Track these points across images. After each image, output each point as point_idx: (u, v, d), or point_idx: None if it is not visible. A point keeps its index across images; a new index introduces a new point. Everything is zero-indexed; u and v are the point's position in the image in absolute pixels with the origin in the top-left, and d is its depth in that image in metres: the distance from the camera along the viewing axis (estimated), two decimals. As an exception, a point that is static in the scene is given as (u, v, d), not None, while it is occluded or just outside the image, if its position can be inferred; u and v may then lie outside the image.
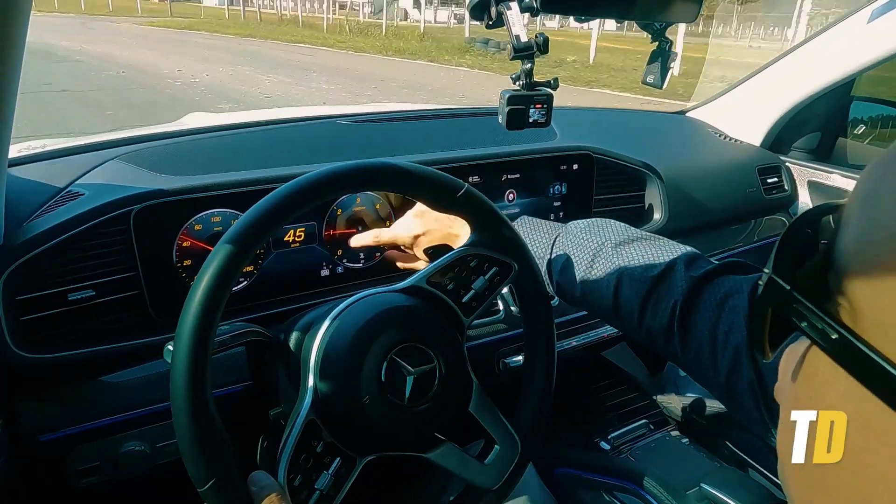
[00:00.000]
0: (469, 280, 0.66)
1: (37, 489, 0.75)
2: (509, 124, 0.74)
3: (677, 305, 0.61)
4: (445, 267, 0.65)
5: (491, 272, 0.66)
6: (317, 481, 0.55)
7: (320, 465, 0.56)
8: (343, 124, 1.06)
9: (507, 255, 0.67)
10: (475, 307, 0.66)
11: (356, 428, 0.57)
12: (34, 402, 0.70)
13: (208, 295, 0.49)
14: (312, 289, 0.86)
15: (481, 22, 0.71)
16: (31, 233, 0.68)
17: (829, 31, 1.27)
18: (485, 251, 0.66)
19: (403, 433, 0.59)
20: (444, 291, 0.65)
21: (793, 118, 1.42)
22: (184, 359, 0.48)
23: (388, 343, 0.58)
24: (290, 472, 0.54)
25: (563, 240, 0.75)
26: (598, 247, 0.71)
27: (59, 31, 14.77)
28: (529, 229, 0.79)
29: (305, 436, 0.55)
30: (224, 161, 0.84)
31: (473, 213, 0.65)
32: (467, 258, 0.66)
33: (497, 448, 0.64)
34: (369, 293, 0.64)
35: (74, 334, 0.72)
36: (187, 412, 0.48)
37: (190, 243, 0.77)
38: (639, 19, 0.76)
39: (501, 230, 0.66)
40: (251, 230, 0.52)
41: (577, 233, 0.74)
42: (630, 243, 0.70)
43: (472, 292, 0.66)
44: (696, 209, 1.27)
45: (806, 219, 0.28)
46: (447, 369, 0.60)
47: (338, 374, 0.57)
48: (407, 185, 0.62)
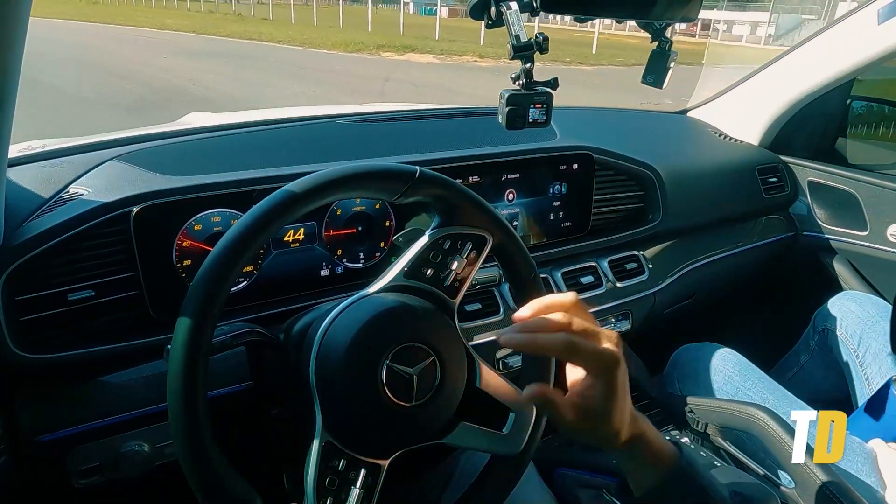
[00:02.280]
0: (446, 263, 0.64)
1: (37, 489, 0.75)
2: (509, 124, 0.74)
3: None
4: (419, 257, 0.64)
5: (466, 249, 0.64)
6: (347, 498, 0.55)
7: (346, 481, 0.56)
8: (343, 124, 1.06)
9: (478, 227, 0.65)
10: (458, 287, 0.65)
11: (372, 437, 0.57)
12: (34, 402, 0.70)
13: (203, 301, 0.50)
14: (312, 289, 0.86)
15: (482, 21, 0.71)
16: (30, 233, 0.68)
17: (829, 31, 1.27)
18: (453, 229, 0.64)
19: (418, 428, 0.59)
20: (424, 280, 0.64)
21: (793, 118, 1.42)
22: (179, 360, 0.49)
23: (380, 353, 0.57)
24: (319, 499, 0.54)
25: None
26: None
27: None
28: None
29: (325, 459, 0.56)
30: (224, 161, 0.84)
31: (434, 194, 0.63)
32: (439, 241, 0.64)
33: (512, 415, 0.64)
34: (350, 302, 0.62)
35: (74, 334, 0.71)
36: (183, 421, 0.49)
37: (190, 243, 0.77)
38: (639, 19, 0.76)
39: (466, 203, 0.64)
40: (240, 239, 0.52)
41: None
42: None
43: (452, 273, 0.64)
44: (696, 209, 1.27)
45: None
46: (447, 357, 0.60)
47: (341, 394, 0.57)
48: (355, 188, 0.60)
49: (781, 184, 1.44)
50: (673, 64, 0.82)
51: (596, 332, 0.49)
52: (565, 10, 0.75)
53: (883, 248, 1.35)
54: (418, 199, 0.63)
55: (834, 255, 1.45)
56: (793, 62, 1.35)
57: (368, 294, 0.63)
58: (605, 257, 1.15)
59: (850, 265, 1.43)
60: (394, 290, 0.63)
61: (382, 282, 0.64)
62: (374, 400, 0.56)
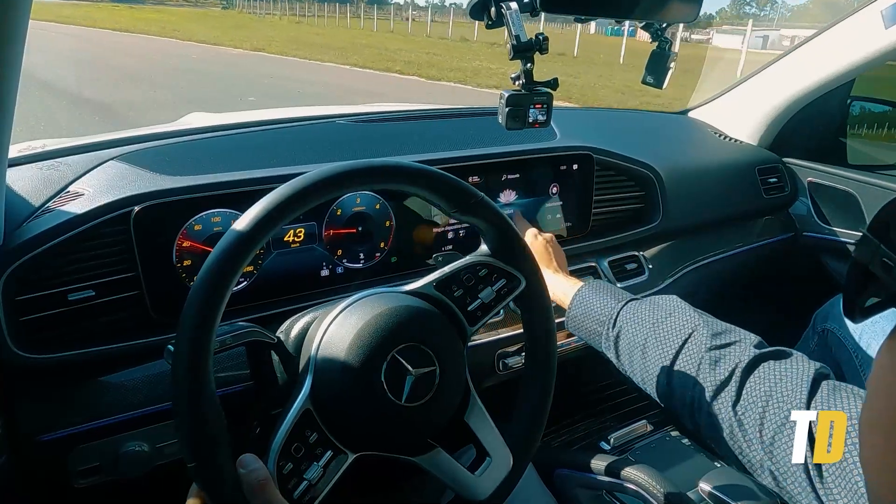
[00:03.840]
0: (476, 289, 0.66)
1: (37, 489, 0.75)
2: (509, 124, 0.74)
3: (739, 365, 0.66)
4: (454, 274, 0.66)
5: (499, 283, 0.67)
6: (306, 471, 0.55)
7: (311, 455, 0.56)
8: (343, 124, 1.06)
9: (518, 269, 0.67)
10: (480, 317, 0.66)
11: (351, 422, 0.57)
12: (34, 402, 0.70)
13: (225, 259, 0.51)
14: (312, 289, 0.86)
15: (481, 21, 0.71)
16: (31, 233, 0.68)
17: (830, 31, 1.27)
18: (496, 262, 0.67)
19: (396, 434, 0.59)
20: (451, 298, 0.65)
21: (793, 118, 1.42)
22: (189, 328, 0.49)
23: (391, 341, 0.58)
24: (280, 460, 0.54)
25: (634, 304, 0.80)
26: (672, 307, 0.77)
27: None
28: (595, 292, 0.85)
29: (300, 425, 0.56)
30: (224, 161, 0.84)
31: (487, 222, 0.66)
32: (477, 267, 0.66)
33: (489, 460, 0.64)
34: (377, 291, 0.64)
35: (74, 335, 0.71)
36: (187, 387, 0.49)
37: (190, 243, 0.77)
38: (639, 19, 0.77)
39: (514, 243, 0.67)
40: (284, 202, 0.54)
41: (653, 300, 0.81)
42: (701, 311, 0.77)
43: (479, 301, 0.66)
44: (696, 209, 1.27)
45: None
46: (446, 375, 0.60)
47: (338, 367, 0.57)
48: (424, 186, 0.62)
49: (781, 184, 1.44)
50: (673, 64, 0.82)
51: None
52: (565, 10, 0.75)
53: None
54: (472, 221, 0.66)
55: (834, 255, 1.45)
56: (793, 63, 1.35)
57: (402, 291, 0.65)
58: (605, 257, 1.15)
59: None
60: (420, 296, 0.64)
61: (413, 285, 0.65)
62: (367, 384, 0.57)
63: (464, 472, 0.63)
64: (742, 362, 0.66)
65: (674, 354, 0.72)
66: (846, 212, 1.40)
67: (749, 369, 0.66)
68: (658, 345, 0.74)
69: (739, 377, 0.65)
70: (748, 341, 0.70)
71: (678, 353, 0.72)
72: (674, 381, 0.72)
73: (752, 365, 0.66)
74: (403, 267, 0.94)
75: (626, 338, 0.78)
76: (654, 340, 0.74)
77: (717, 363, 0.68)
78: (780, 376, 0.63)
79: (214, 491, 0.51)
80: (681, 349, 0.72)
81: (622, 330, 0.79)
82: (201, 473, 0.50)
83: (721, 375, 0.67)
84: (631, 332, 0.78)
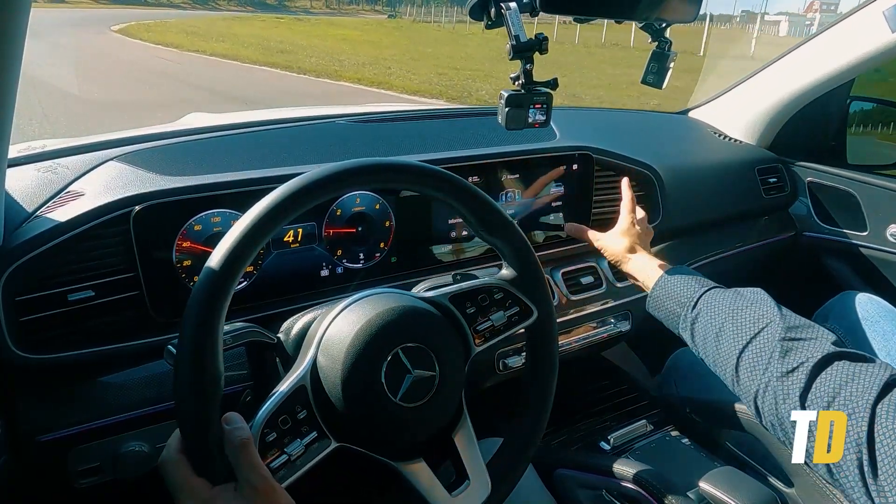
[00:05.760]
0: (489, 310, 0.66)
1: (37, 489, 0.75)
2: (509, 124, 0.74)
3: (811, 359, 0.64)
4: (471, 291, 0.66)
5: (512, 310, 0.67)
6: (288, 445, 0.55)
7: (297, 431, 0.56)
8: (343, 124, 1.06)
9: (533, 301, 0.68)
10: (487, 338, 0.66)
11: (341, 409, 0.57)
12: (34, 402, 0.70)
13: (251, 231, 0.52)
14: (312, 289, 0.86)
15: (481, 22, 0.71)
16: (30, 233, 0.68)
17: (830, 31, 1.27)
18: (515, 290, 0.67)
19: (383, 430, 0.59)
20: (463, 313, 0.65)
21: (793, 118, 1.42)
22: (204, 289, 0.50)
23: (399, 336, 0.58)
24: (266, 427, 0.54)
25: (717, 291, 0.81)
26: (756, 298, 0.76)
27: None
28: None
29: (292, 399, 0.56)
30: (224, 161, 0.84)
31: (513, 248, 0.67)
32: (494, 289, 0.67)
33: (467, 483, 0.64)
34: (388, 290, 0.64)
35: (74, 335, 0.71)
36: (192, 341, 0.49)
37: (189, 244, 0.77)
38: (639, 19, 0.76)
39: (535, 274, 0.68)
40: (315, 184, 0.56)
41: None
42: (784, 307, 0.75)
43: (489, 323, 0.66)
44: (696, 209, 1.27)
45: None
46: (445, 384, 0.60)
47: (343, 350, 0.57)
48: (458, 198, 0.64)
49: (781, 184, 1.44)
50: (672, 64, 0.82)
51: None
52: (565, 10, 0.75)
53: (883, 249, 1.35)
54: (497, 244, 0.67)
55: (834, 256, 1.45)
56: (792, 63, 1.35)
57: (417, 295, 0.65)
58: (605, 257, 1.15)
59: (849, 265, 1.43)
60: (434, 304, 0.65)
61: (429, 293, 0.66)
62: (366, 373, 0.57)
63: (442, 489, 0.62)
64: (815, 357, 0.65)
65: (746, 342, 0.71)
66: (846, 212, 1.41)
67: (822, 365, 0.64)
68: (734, 331, 0.73)
69: (810, 370, 0.64)
70: (826, 338, 0.68)
71: (751, 341, 0.71)
72: (741, 367, 0.70)
73: (825, 361, 0.64)
74: (403, 267, 0.94)
75: (703, 321, 0.77)
76: (731, 326, 0.73)
77: (787, 353, 0.67)
78: (852, 375, 0.61)
79: (197, 440, 0.50)
80: (754, 338, 0.70)
81: (700, 313, 0.78)
82: (188, 420, 0.50)
83: (790, 365, 0.65)
84: (709, 317, 0.77)
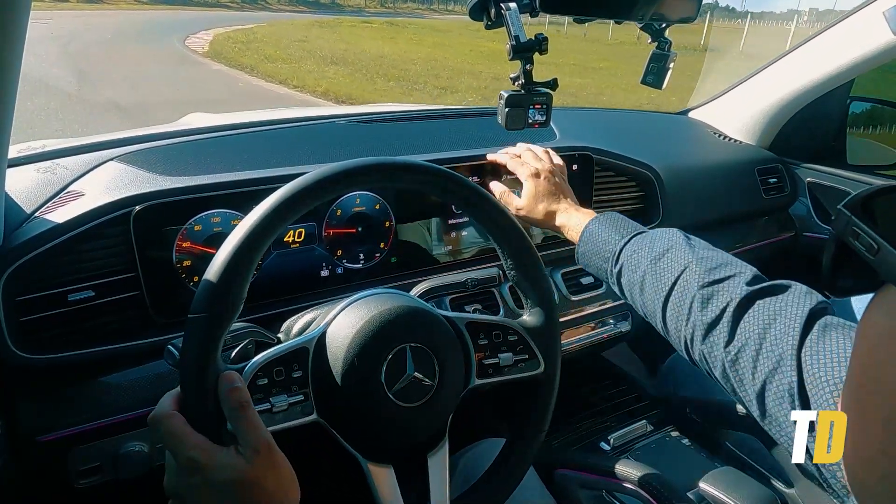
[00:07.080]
0: (500, 348, 0.66)
1: (37, 489, 0.75)
2: (509, 125, 0.74)
3: (731, 303, 0.63)
4: (489, 325, 0.66)
5: (521, 356, 0.67)
6: (274, 396, 0.55)
7: (286, 387, 0.56)
8: (343, 124, 1.06)
9: (545, 356, 0.68)
10: (489, 374, 0.66)
11: (333, 384, 0.57)
12: (34, 402, 0.70)
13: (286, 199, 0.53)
14: (312, 289, 0.86)
15: (481, 22, 0.71)
16: (30, 233, 0.68)
17: (830, 31, 1.27)
18: (531, 339, 0.67)
19: (366, 422, 0.59)
20: (474, 343, 0.65)
21: (793, 118, 1.42)
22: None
23: (410, 335, 0.59)
24: (260, 371, 0.55)
25: (637, 239, 0.78)
26: (670, 243, 0.74)
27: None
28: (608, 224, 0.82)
29: (293, 355, 0.57)
30: (224, 161, 0.84)
31: (540, 298, 0.67)
32: (510, 330, 0.67)
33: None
34: (401, 292, 0.65)
35: (74, 335, 0.71)
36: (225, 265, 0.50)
37: (190, 244, 0.77)
38: (638, 20, 0.76)
39: (555, 332, 0.68)
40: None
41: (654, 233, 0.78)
42: (699, 245, 0.74)
43: (496, 360, 0.66)
44: (696, 209, 1.27)
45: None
46: (436, 400, 0.60)
47: (353, 329, 0.58)
48: (499, 238, 0.65)
49: (781, 184, 1.44)
50: (672, 64, 0.82)
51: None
52: (565, 10, 0.75)
53: (883, 249, 1.35)
54: (527, 290, 0.68)
55: (834, 256, 1.45)
56: (792, 63, 1.35)
57: (438, 312, 0.65)
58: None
59: (849, 266, 1.43)
60: (452, 322, 0.65)
61: (448, 312, 0.67)
62: (369, 357, 0.57)
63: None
64: (734, 300, 0.62)
65: (666, 293, 0.69)
66: (846, 212, 1.40)
67: (742, 307, 0.62)
68: (654, 283, 0.71)
69: (731, 316, 0.62)
70: (742, 276, 0.66)
71: (671, 291, 0.69)
72: (668, 320, 0.69)
73: (744, 303, 0.62)
74: (403, 267, 0.94)
75: (627, 275, 0.75)
76: (651, 279, 0.72)
77: (708, 301, 0.64)
78: (774, 315, 0.59)
79: (197, 396, 0.50)
80: (673, 286, 0.69)
81: (623, 266, 0.76)
82: (191, 371, 0.50)
83: (711, 314, 0.63)
84: (630, 270, 0.75)
